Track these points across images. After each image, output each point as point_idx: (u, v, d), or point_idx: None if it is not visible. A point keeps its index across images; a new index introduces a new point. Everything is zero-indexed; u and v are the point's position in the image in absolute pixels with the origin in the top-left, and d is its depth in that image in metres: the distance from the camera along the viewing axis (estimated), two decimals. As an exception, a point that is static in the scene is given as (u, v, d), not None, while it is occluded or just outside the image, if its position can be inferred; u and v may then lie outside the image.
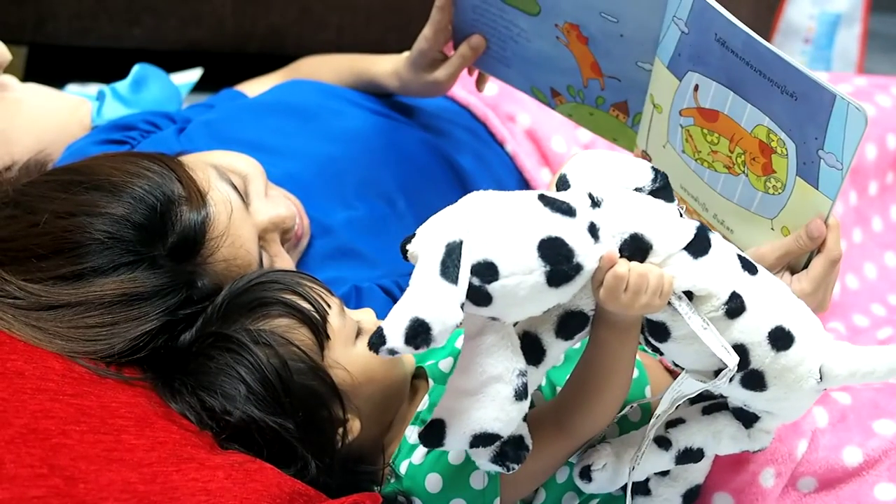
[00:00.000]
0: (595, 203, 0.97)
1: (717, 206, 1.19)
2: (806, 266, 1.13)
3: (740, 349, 0.99)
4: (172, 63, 1.85)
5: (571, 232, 0.93)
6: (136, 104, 1.54)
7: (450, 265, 0.89)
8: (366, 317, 1.12)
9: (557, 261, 0.92)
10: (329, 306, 1.08)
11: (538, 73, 1.33)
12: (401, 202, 1.39)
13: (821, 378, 1.02)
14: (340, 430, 1.05)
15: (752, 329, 0.99)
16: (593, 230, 0.94)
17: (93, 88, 1.64)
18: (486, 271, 0.91)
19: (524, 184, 1.50)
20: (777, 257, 1.12)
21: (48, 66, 2.10)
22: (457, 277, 0.89)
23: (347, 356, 1.07)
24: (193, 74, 1.79)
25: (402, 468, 1.07)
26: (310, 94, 1.49)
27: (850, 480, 1.19)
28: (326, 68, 1.56)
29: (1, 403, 0.93)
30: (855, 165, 1.61)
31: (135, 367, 1.08)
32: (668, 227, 0.97)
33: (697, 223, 0.99)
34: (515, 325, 0.98)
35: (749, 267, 1.01)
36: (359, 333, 1.09)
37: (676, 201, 1.02)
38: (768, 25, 2.32)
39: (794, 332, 1.00)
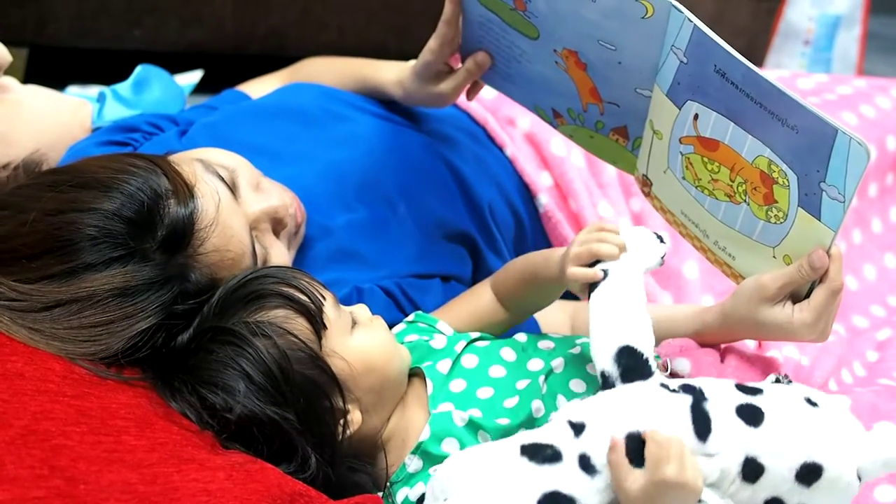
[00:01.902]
0: (577, 430, 0.95)
1: (718, 233, 1.18)
2: (808, 294, 1.13)
3: (773, 500, 0.97)
4: (173, 64, 1.85)
5: (564, 479, 0.92)
6: (137, 105, 1.54)
7: None
8: (359, 310, 1.14)
9: None
10: (324, 298, 1.09)
11: (540, 93, 1.33)
12: (401, 206, 1.40)
13: (859, 478, 0.99)
14: (342, 422, 1.06)
15: (778, 481, 0.96)
16: (586, 463, 0.93)
17: (93, 90, 1.64)
18: None
19: (524, 187, 1.50)
20: (779, 287, 1.12)
21: (49, 67, 2.10)
22: None
23: (345, 346, 1.08)
24: (194, 76, 1.79)
25: (399, 497, 1.08)
26: (312, 98, 1.49)
27: (851, 482, 1.19)
28: (330, 72, 1.56)
29: (1, 405, 0.93)
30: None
31: (135, 368, 1.08)
32: (661, 421, 0.95)
33: (690, 399, 0.97)
34: None
35: (753, 419, 0.97)
36: (354, 325, 1.10)
37: (657, 371, 1.00)
38: (768, 27, 2.32)
39: (821, 460, 0.97)
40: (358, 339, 1.10)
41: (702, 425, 0.95)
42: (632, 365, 1.00)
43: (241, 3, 2.10)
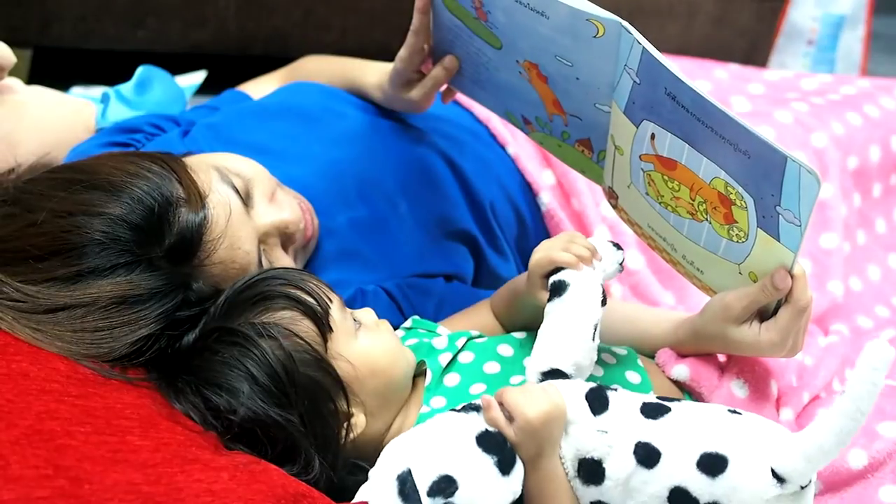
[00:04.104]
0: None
1: (685, 248, 1.18)
2: (776, 311, 1.13)
3: (678, 491, 0.99)
4: (176, 65, 1.85)
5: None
6: (140, 106, 1.54)
7: (409, 493, 0.95)
8: (365, 314, 1.14)
9: (500, 448, 0.98)
10: (330, 300, 1.08)
11: (509, 100, 1.32)
12: (402, 204, 1.40)
13: (781, 480, 0.98)
14: (345, 425, 1.06)
15: (676, 468, 1.00)
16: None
17: (97, 91, 1.64)
18: (446, 485, 0.95)
19: (526, 186, 1.50)
20: (743, 307, 1.12)
21: (52, 68, 2.10)
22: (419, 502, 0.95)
23: (350, 349, 1.08)
24: (197, 77, 1.80)
25: None
26: (313, 97, 1.49)
27: (855, 483, 1.19)
28: (323, 72, 1.56)
29: (6, 405, 0.93)
30: (859, 167, 1.61)
31: (139, 368, 1.08)
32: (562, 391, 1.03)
33: (595, 385, 1.04)
34: None
35: (654, 413, 1.02)
36: (360, 328, 1.10)
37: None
38: (772, 27, 2.32)
39: (725, 451, 0.99)
40: (363, 343, 1.10)
41: (597, 404, 1.02)
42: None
43: (244, 4, 2.10)
